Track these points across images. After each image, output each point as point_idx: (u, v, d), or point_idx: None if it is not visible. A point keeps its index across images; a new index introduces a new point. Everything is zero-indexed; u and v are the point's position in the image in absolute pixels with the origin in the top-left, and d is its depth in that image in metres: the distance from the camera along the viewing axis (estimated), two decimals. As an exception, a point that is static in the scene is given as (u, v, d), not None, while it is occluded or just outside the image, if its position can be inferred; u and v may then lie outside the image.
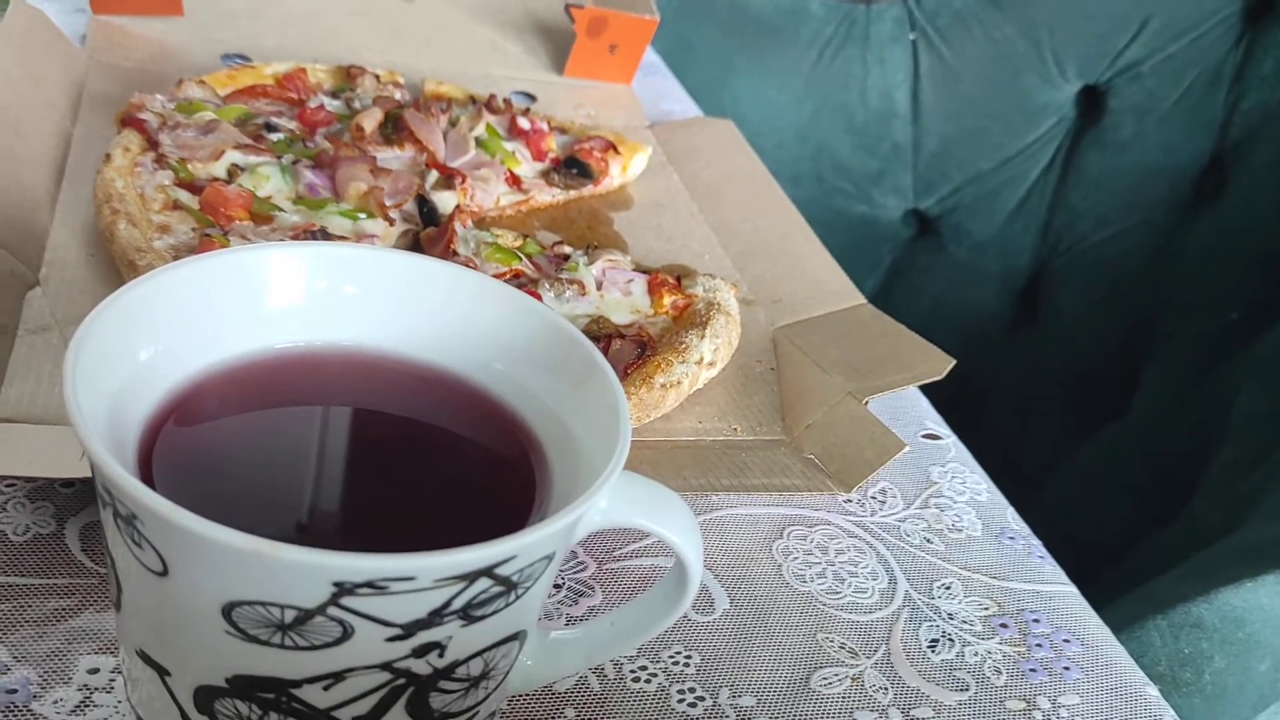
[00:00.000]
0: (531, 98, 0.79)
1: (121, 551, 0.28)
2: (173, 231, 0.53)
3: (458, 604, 0.28)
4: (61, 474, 0.38)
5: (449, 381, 0.35)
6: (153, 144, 0.57)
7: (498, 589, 0.28)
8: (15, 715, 0.33)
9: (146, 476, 0.29)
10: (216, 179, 0.56)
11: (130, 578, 0.29)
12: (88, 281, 0.50)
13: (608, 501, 0.32)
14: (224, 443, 0.33)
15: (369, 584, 0.26)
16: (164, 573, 0.27)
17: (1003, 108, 1.11)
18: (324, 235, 0.54)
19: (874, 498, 0.51)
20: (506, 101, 0.71)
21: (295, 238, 0.54)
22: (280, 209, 0.56)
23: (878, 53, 1.12)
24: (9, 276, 0.48)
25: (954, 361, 0.53)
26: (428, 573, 0.26)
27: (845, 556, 0.47)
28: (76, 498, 0.40)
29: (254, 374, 0.33)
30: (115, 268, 0.51)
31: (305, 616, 0.26)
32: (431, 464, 0.34)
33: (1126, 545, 0.92)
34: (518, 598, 0.29)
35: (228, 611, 0.27)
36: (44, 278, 0.49)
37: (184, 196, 0.55)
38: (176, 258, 0.51)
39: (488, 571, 0.27)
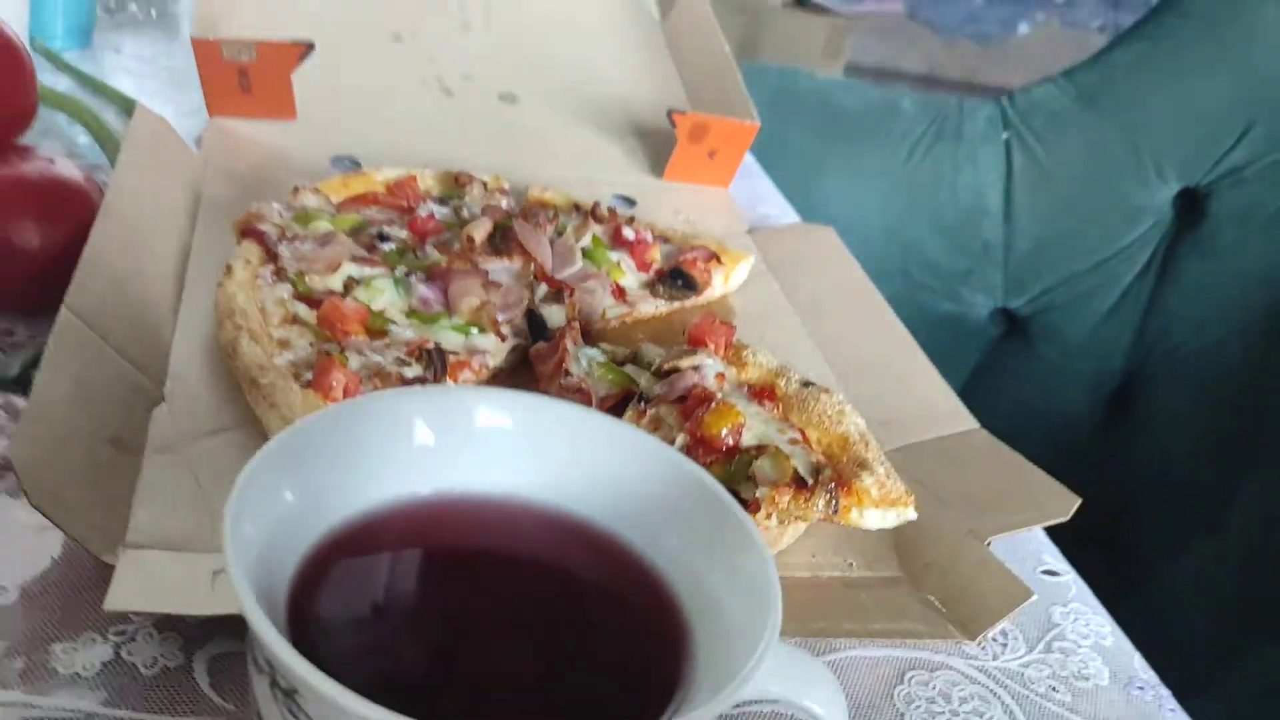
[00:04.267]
0: (631, 201, 0.79)
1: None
2: (292, 346, 0.53)
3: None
4: (195, 611, 0.38)
5: (591, 534, 0.34)
6: (271, 256, 0.58)
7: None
8: None
9: (295, 627, 0.29)
10: (333, 292, 0.57)
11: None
12: (211, 398, 0.50)
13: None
14: (369, 598, 0.32)
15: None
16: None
17: (1098, 209, 1.10)
18: (438, 351, 0.55)
19: (995, 640, 0.49)
20: (610, 210, 0.71)
21: (410, 353, 0.54)
22: (394, 323, 0.57)
23: (970, 151, 1.11)
24: (135, 393, 0.49)
25: (1079, 501, 0.51)
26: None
27: (969, 706, 0.45)
28: (205, 628, 0.40)
29: (398, 522, 0.33)
30: (237, 383, 0.51)
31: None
32: (575, 624, 0.33)
33: (1221, 667, 0.88)
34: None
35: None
36: (168, 393, 0.50)
37: (302, 310, 0.55)
38: (296, 374, 0.51)
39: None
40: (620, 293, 0.66)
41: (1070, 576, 0.54)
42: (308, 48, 0.70)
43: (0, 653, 0.38)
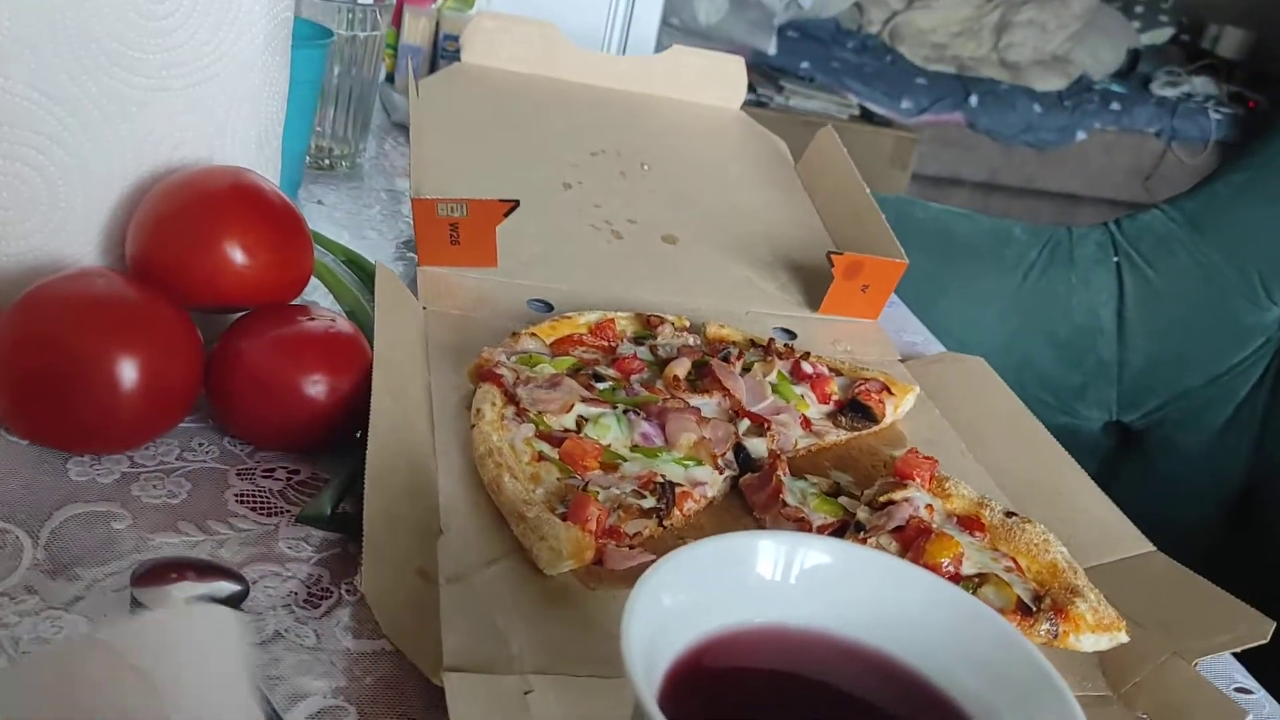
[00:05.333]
0: (792, 334, 0.86)
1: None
2: (542, 481, 0.60)
3: None
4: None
5: (902, 672, 0.39)
6: (511, 398, 0.64)
7: None
8: None
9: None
10: (568, 430, 0.63)
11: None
12: (481, 530, 0.56)
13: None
14: (717, 704, 0.38)
15: None
16: None
17: (1209, 328, 1.14)
18: (669, 484, 0.60)
19: (1204, 756, 0.53)
20: (786, 346, 0.77)
21: (644, 485, 0.60)
22: (623, 458, 0.63)
23: (1082, 274, 1.17)
24: (424, 527, 0.55)
25: (1274, 624, 0.55)
26: None
27: (1196, 819, 0.49)
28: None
29: (740, 643, 0.39)
30: (500, 515, 0.57)
31: None
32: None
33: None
34: None
35: None
36: (444, 526, 0.56)
37: (546, 448, 0.62)
38: (551, 506, 0.58)
39: None
40: (807, 424, 0.72)
41: (1262, 694, 0.58)
42: (514, 204, 0.78)
43: (353, 764, 0.44)
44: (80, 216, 0.60)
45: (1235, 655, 0.61)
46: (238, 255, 0.59)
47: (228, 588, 0.51)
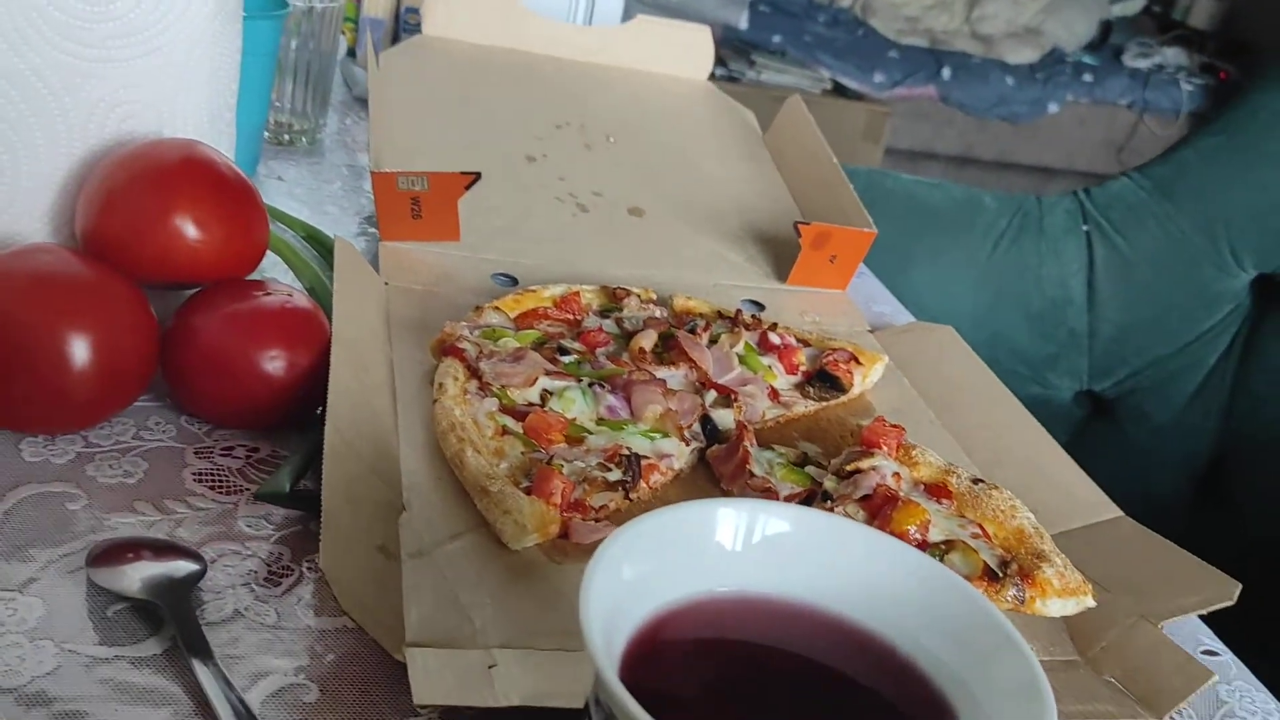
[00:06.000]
0: (760, 306, 0.85)
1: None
2: (506, 456, 0.59)
3: None
4: (493, 703, 0.43)
5: (866, 639, 0.39)
6: (474, 372, 0.64)
7: None
8: None
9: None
10: (532, 404, 0.63)
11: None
12: (444, 504, 0.56)
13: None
14: (680, 675, 0.37)
15: None
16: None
17: (1179, 295, 1.15)
18: (635, 456, 0.60)
19: (1171, 717, 0.53)
20: (754, 318, 0.77)
21: (609, 458, 0.60)
22: (588, 431, 0.62)
23: (1052, 243, 1.17)
24: (385, 502, 0.54)
25: (1240, 586, 0.55)
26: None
27: (1162, 781, 0.49)
28: (484, 716, 0.45)
29: (703, 612, 0.38)
30: (464, 490, 0.57)
31: None
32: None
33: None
34: None
35: None
36: (407, 502, 0.55)
37: (510, 422, 0.61)
38: (515, 480, 0.57)
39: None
40: (775, 395, 0.71)
41: (1229, 657, 0.59)
42: (475, 177, 0.77)
43: (313, 743, 0.43)
44: (27, 192, 0.59)
45: (1202, 618, 0.61)
46: (190, 229, 0.58)
47: (185, 567, 0.50)
